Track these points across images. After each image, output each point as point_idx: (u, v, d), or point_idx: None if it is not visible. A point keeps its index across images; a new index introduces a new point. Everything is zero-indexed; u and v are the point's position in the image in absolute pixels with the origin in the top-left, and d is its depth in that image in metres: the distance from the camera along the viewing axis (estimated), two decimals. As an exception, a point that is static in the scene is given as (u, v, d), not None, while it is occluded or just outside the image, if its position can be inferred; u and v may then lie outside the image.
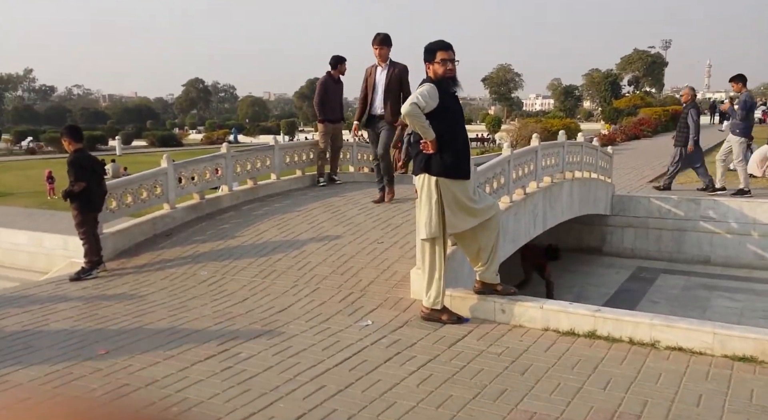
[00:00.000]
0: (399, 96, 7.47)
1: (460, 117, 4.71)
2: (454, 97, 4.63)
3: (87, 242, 5.90)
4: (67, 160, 5.91)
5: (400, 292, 5.20)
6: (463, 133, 4.67)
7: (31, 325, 4.51)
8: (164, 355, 3.93)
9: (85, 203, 5.90)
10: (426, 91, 4.44)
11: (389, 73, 7.49)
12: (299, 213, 7.91)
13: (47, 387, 3.45)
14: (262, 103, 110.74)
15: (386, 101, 7.54)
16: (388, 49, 7.46)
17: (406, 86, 7.50)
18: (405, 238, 6.54)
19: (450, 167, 4.47)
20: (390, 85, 7.51)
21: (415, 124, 4.43)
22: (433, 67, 4.54)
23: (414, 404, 3.25)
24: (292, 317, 4.75)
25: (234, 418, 3.08)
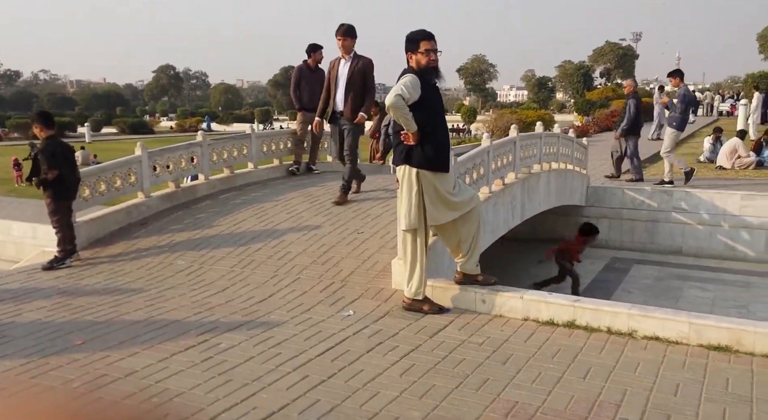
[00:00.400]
0: (361, 91, 7.08)
1: (441, 109, 4.69)
2: (435, 88, 4.60)
3: (60, 231, 5.75)
4: (39, 147, 5.73)
5: (381, 283, 5.19)
6: (443, 125, 4.66)
7: (4, 315, 4.39)
8: (142, 346, 3.87)
9: (59, 191, 5.74)
10: (409, 82, 4.40)
11: (352, 67, 7.01)
12: (278, 202, 7.83)
13: (23, 377, 3.36)
14: (236, 90, 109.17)
15: (347, 96, 7.04)
16: (352, 40, 7.00)
17: (370, 81, 7.11)
18: (385, 229, 6.53)
19: (430, 159, 4.47)
20: (352, 78, 7.00)
21: (398, 116, 4.40)
22: (416, 58, 4.49)
23: (397, 394, 3.26)
24: (272, 307, 4.71)
25: (216, 409, 3.04)
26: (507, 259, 9.71)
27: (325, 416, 3.01)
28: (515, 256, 10.19)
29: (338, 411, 3.07)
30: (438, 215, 4.55)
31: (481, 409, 3.09)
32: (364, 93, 7.07)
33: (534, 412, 3.06)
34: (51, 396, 0.54)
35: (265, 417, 2.99)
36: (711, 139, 14.99)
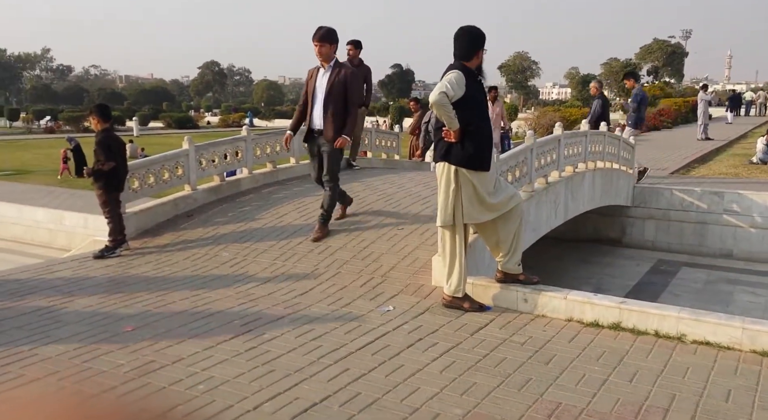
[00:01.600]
0: (343, 107, 5.92)
1: (485, 107, 4.65)
2: (480, 86, 4.55)
3: (111, 221, 5.94)
4: (96, 139, 5.93)
5: (420, 279, 5.19)
6: (486, 122, 4.59)
7: (58, 301, 4.57)
8: (189, 334, 3.97)
9: (111, 183, 5.94)
10: (454, 79, 4.35)
11: (332, 77, 5.88)
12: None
13: (76, 361, 3.49)
14: (278, 87, 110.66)
15: (326, 112, 5.90)
16: (330, 46, 5.85)
17: (353, 93, 5.96)
18: (425, 225, 6.51)
19: (471, 158, 4.41)
20: (332, 91, 5.87)
21: (441, 114, 4.37)
22: (482, 55, 4.49)
23: (438, 390, 3.25)
24: (313, 300, 4.76)
25: (260, 398, 3.10)
26: (548, 258, 9.56)
27: (366, 409, 3.02)
28: (557, 256, 10.02)
29: (379, 404, 3.08)
30: (474, 214, 4.50)
31: (524, 409, 3.05)
32: (345, 109, 5.93)
33: (578, 414, 3.01)
34: (59, 397, 0.54)
35: (307, 408, 3.02)
36: (765, 140, 14.40)
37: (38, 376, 3.31)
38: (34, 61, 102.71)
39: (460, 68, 4.43)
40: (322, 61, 5.93)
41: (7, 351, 3.63)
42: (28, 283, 4.95)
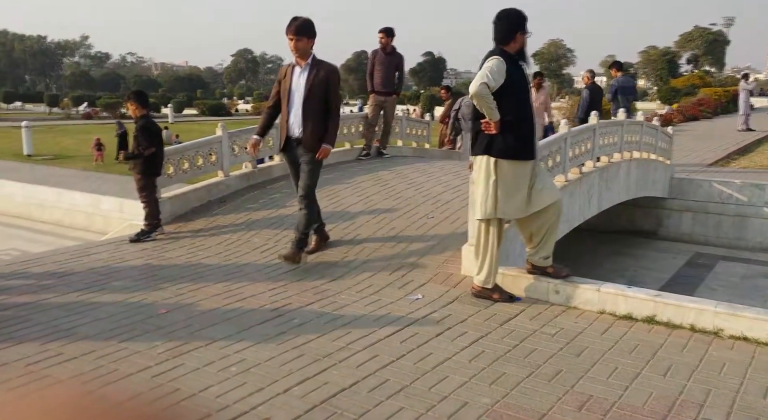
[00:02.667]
0: (323, 111, 5.11)
1: (527, 93, 4.44)
2: (521, 71, 4.38)
3: (148, 206, 6.07)
4: (136, 125, 6.05)
5: (450, 268, 5.17)
6: (529, 110, 4.42)
7: (95, 282, 4.69)
8: (222, 317, 4.03)
9: (149, 168, 6.07)
10: (495, 67, 4.16)
11: (311, 77, 5.07)
12: (348, 185, 7.92)
13: (113, 341, 3.59)
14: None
15: (305, 118, 5.08)
16: (308, 40, 5.04)
17: (334, 95, 5.17)
18: (455, 214, 6.48)
19: (512, 148, 4.27)
20: (311, 94, 5.06)
21: (481, 105, 4.22)
22: (522, 39, 4.28)
23: (466, 379, 3.25)
24: (342, 287, 4.79)
25: (290, 382, 3.14)
26: (582, 250, 9.41)
27: (395, 396, 3.04)
28: (590, 248, 9.86)
29: (407, 391, 3.09)
30: (510, 210, 4.38)
31: (554, 400, 3.02)
32: (326, 113, 5.13)
33: (609, 407, 2.97)
34: (63, 391, 0.54)
35: (335, 392, 3.05)
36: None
37: (76, 353, 3.41)
38: (74, 48, 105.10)
39: (499, 54, 4.26)
40: (298, 58, 5.08)
41: (49, 329, 3.75)
42: (67, 264, 5.10)
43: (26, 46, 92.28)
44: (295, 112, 5.12)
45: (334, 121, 5.18)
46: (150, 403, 2.85)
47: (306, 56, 5.09)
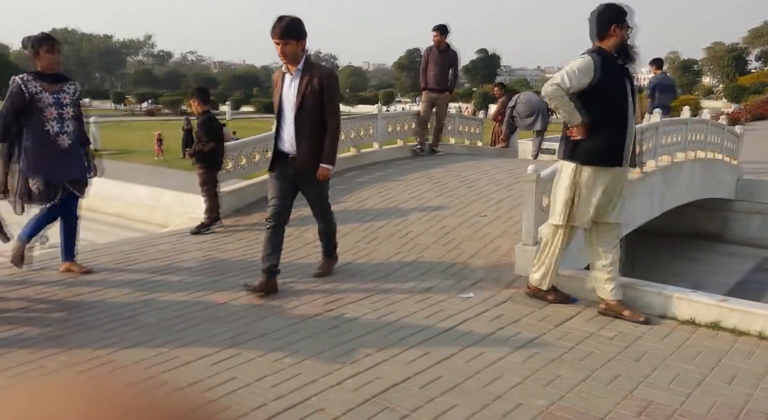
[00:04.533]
0: (320, 123, 4.41)
1: (624, 94, 4.00)
2: (621, 69, 4.01)
3: (209, 199, 6.27)
4: (198, 121, 6.26)
5: (503, 267, 5.10)
6: (624, 113, 4.00)
7: (157, 272, 4.88)
8: (276, 310, 4.12)
9: (211, 162, 6.26)
10: (576, 67, 3.90)
11: (302, 86, 4.34)
12: (401, 182, 7.94)
13: (173, 329, 3.72)
14: (361, 73, 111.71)
15: (299, 133, 4.38)
16: (297, 43, 4.29)
17: (331, 104, 4.43)
18: (508, 213, 6.39)
19: (597, 154, 3.96)
20: (304, 104, 4.34)
21: (557, 108, 4.02)
22: (620, 33, 3.92)
23: (520, 380, 3.20)
24: (394, 284, 4.80)
25: (343, 375, 3.17)
26: (642, 253, 9.10)
27: (448, 393, 3.02)
28: (651, 251, 9.52)
29: (460, 389, 3.07)
30: (584, 218, 4.13)
31: (611, 405, 2.94)
32: (324, 127, 4.43)
33: (671, 413, 2.86)
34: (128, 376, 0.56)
35: (387, 387, 3.06)
36: None
37: (139, 340, 3.56)
38: (137, 47, 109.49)
39: (593, 51, 3.98)
40: (288, 64, 4.38)
41: (113, 316, 3.93)
42: (132, 254, 5.32)
43: (93, 46, 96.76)
44: (287, 126, 4.43)
45: (332, 135, 4.45)
46: (209, 390, 2.95)
47: (296, 61, 4.35)
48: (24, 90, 4.31)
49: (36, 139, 4.36)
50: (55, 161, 4.41)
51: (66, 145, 4.47)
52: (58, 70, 4.55)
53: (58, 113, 4.41)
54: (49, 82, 4.42)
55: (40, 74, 4.42)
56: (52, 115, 4.38)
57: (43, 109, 4.35)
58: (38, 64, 4.43)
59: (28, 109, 4.34)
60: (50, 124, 4.38)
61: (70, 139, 4.50)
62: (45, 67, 4.43)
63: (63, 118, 4.45)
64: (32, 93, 4.32)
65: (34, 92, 4.33)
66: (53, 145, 4.40)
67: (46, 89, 4.38)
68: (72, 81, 4.67)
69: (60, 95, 4.45)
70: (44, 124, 4.36)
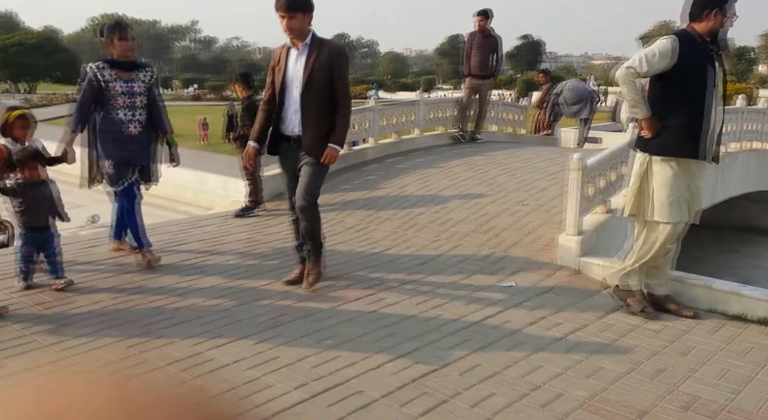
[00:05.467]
0: (329, 102, 4.03)
1: (706, 82, 3.67)
2: (707, 55, 3.69)
3: (252, 183, 6.37)
4: (242, 105, 6.35)
5: (545, 257, 5.03)
6: (706, 103, 3.68)
7: (203, 253, 5.00)
8: (315, 293, 4.17)
9: (255, 147, 6.35)
10: (657, 48, 3.62)
11: (310, 61, 3.98)
12: (441, 169, 7.90)
13: (218, 308, 3.82)
14: (402, 59, 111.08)
15: (305, 112, 4.01)
16: (304, 16, 3.94)
17: (341, 82, 4.05)
18: (551, 202, 6.28)
19: (669, 144, 3.68)
20: (311, 81, 3.97)
21: (626, 94, 3.76)
22: (718, 19, 3.61)
23: (561, 370, 3.16)
24: (433, 270, 4.80)
25: (382, 359, 3.20)
26: (689, 245, 8.82)
27: (487, 380, 3.02)
28: (699, 243, 9.22)
29: (499, 378, 3.06)
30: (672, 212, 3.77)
31: (655, 399, 2.88)
32: (332, 106, 4.05)
33: (718, 410, 2.79)
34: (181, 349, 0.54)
35: (426, 373, 3.08)
36: None
37: (187, 317, 3.67)
38: (184, 33, 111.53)
39: (679, 33, 3.71)
40: (294, 39, 4.01)
41: (163, 293, 4.05)
42: (179, 235, 5.47)
43: (141, 31, 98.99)
44: (292, 106, 4.04)
45: (343, 115, 4.10)
46: (251, 368, 3.02)
47: (303, 36, 3.99)
48: (98, 78, 4.31)
49: (105, 125, 4.39)
50: (123, 145, 4.41)
51: (135, 132, 4.45)
52: (132, 58, 4.50)
53: (129, 102, 4.39)
54: (124, 70, 4.39)
55: (114, 62, 4.39)
56: (124, 103, 4.37)
57: (115, 97, 4.35)
58: (113, 51, 4.40)
59: (101, 97, 4.36)
60: (121, 111, 4.37)
61: (141, 128, 4.48)
62: (119, 55, 4.39)
63: (134, 106, 4.42)
64: (106, 81, 4.32)
65: (109, 80, 4.33)
66: (121, 131, 4.40)
67: (120, 77, 4.36)
68: (148, 68, 4.64)
69: (133, 83, 4.41)
70: (116, 111, 4.37)
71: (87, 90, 4.35)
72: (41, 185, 3.94)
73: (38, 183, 3.91)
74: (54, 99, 31.54)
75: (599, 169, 5.17)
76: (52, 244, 4.01)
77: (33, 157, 3.90)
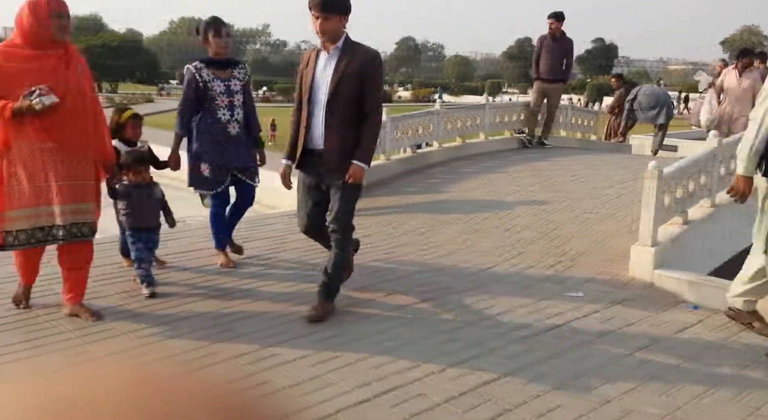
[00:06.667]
0: (357, 114, 3.59)
1: None
2: None
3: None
4: None
5: (615, 268, 4.85)
6: None
7: (270, 250, 5.12)
8: (378, 294, 4.17)
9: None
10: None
11: (340, 67, 3.55)
12: (506, 174, 7.78)
13: (286, 304, 3.88)
14: (468, 62, 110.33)
15: (330, 124, 3.57)
16: (340, 18, 3.52)
17: (372, 92, 3.60)
18: (623, 211, 6.06)
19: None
20: (339, 90, 3.54)
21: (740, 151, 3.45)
22: None
23: (632, 386, 3.03)
24: (496, 277, 4.71)
25: (442, 364, 3.17)
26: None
27: (552, 392, 2.93)
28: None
29: (565, 389, 2.97)
30: None
31: (735, 422, 2.71)
32: (360, 119, 3.60)
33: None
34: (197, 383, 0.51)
35: (490, 380, 3.02)
36: None
37: (258, 310, 3.76)
38: (256, 36, 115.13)
39: None
40: (325, 42, 3.57)
41: (230, 291, 4.18)
42: (247, 232, 5.60)
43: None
44: (317, 115, 3.62)
45: (370, 129, 3.64)
46: (314, 365, 3.06)
47: (335, 39, 3.56)
48: (198, 79, 4.22)
49: (207, 126, 4.27)
50: (223, 148, 4.29)
51: (235, 132, 4.35)
52: (227, 55, 4.37)
53: (228, 101, 4.28)
54: (220, 68, 4.29)
55: (211, 61, 4.28)
56: (224, 102, 4.26)
57: (215, 97, 4.24)
58: (209, 49, 4.31)
59: (202, 98, 4.26)
60: (220, 111, 4.27)
61: (239, 127, 4.38)
62: (214, 53, 4.29)
63: (234, 105, 4.32)
64: (205, 81, 4.23)
65: (207, 80, 4.23)
66: (223, 132, 4.28)
67: (218, 76, 4.26)
68: (242, 65, 4.55)
69: (231, 81, 4.30)
70: (216, 111, 4.26)
71: (188, 92, 4.28)
72: (147, 187, 3.89)
73: (144, 185, 3.87)
74: (135, 98, 33.30)
75: (677, 177, 4.93)
76: (152, 248, 3.94)
77: (141, 161, 3.86)
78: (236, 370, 2.98)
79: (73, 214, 3.29)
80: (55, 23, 3.17)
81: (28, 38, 3.17)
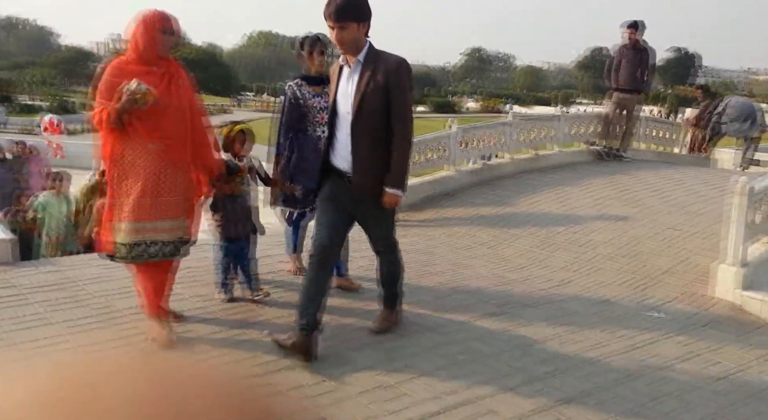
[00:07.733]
0: (385, 131, 3.26)
1: None
2: None
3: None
4: None
5: (699, 288, 4.61)
6: None
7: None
8: (446, 307, 4.14)
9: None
10: None
11: (362, 81, 3.22)
12: (581, 187, 7.54)
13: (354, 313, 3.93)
14: (539, 72, 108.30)
15: (357, 143, 3.27)
16: (358, 26, 3.16)
17: (399, 105, 3.24)
18: (708, 228, 5.74)
19: None
20: (365, 104, 3.22)
21: None
22: None
23: (711, 411, 2.87)
24: (570, 293, 4.58)
25: (515, 381, 3.11)
26: None
27: (627, 415, 2.82)
28: None
29: (641, 412, 2.85)
30: None
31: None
32: (389, 136, 3.27)
33: None
34: None
35: (563, 399, 2.94)
36: None
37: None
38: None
39: None
40: (346, 54, 3.28)
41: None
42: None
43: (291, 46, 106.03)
44: (342, 134, 3.32)
45: (401, 149, 3.29)
46: (387, 374, 3.07)
47: (356, 50, 3.22)
48: (298, 96, 4.12)
49: (306, 145, 4.13)
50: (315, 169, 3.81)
51: None
52: (324, 72, 4.16)
53: (321, 118, 4.09)
54: (315, 84, 4.15)
55: (309, 77, 4.18)
56: (323, 119, 4.03)
57: (314, 114, 4.13)
58: (310, 66, 4.18)
59: (302, 115, 4.16)
60: (319, 128, 4.09)
61: None
62: (316, 70, 4.15)
63: (324, 122, 4.04)
64: (305, 98, 4.12)
65: (308, 97, 4.13)
66: (318, 149, 3.89)
67: (316, 92, 4.14)
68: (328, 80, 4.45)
69: (324, 98, 4.07)
70: (314, 128, 4.13)
71: (289, 110, 4.13)
72: (239, 197, 3.94)
73: (237, 195, 3.92)
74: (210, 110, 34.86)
75: None
76: (246, 256, 4.01)
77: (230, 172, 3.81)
78: (308, 376, 3.03)
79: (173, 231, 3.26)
80: (165, 40, 3.24)
81: (140, 53, 3.24)
